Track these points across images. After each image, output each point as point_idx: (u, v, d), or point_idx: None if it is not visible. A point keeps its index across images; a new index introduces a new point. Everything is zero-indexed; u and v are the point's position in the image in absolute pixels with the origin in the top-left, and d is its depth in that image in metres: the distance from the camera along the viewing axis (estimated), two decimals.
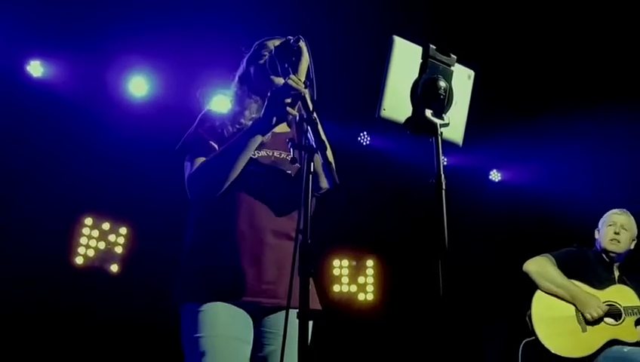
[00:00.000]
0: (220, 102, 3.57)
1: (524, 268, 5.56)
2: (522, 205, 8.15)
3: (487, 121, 6.44)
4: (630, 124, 7.34)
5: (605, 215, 5.78)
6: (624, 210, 5.77)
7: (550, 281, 5.45)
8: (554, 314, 5.40)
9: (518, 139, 7.80)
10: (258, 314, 3.32)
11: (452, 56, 3.01)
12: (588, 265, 5.62)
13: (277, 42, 3.36)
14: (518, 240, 7.88)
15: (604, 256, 5.67)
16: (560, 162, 7.93)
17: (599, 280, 5.54)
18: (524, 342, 5.40)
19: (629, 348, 5.23)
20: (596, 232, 5.77)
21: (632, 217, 5.75)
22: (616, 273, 5.67)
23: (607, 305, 5.39)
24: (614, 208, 5.80)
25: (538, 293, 5.49)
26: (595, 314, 5.33)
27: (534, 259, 5.57)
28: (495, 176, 8.57)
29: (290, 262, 2.81)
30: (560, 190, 7.79)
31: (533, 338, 5.34)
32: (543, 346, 5.27)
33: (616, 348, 5.25)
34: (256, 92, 3.48)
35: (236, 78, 3.56)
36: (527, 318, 5.43)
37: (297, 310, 2.66)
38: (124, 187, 6.91)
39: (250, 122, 3.34)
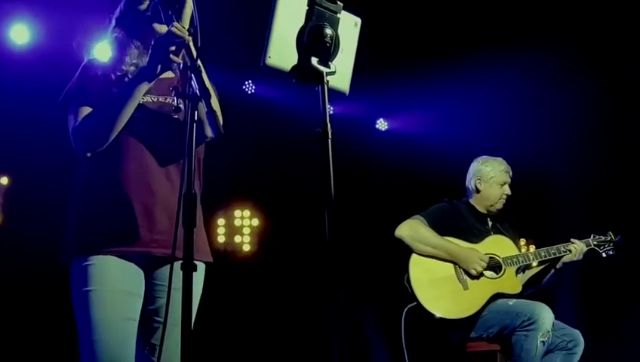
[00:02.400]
0: (102, 50, 3.47)
1: (396, 234, 5.42)
2: (409, 154, 8.21)
3: (373, 69, 6.45)
4: (518, 69, 7.45)
5: (489, 168, 5.69)
6: (503, 160, 5.74)
7: (425, 243, 5.36)
8: (433, 276, 5.32)
9: (405, 87, 7.84)
10: (149, 266, 3.28)
11: (338, 3, 2.97)
12: (461, 219, 5.58)
13: None
14: (405, 189, 7.95)
15: (477, 208, 5.66)
16: (447, 110, 8.01)
17: (475, 234, 5.52)
18: (406, 308, 5.30)
19: (514, 300, 5.25)
20: (475, 183, 5.69)
21: None
22: (490, 223, 5.68)
23: (487, 257, 5.39)
24: (499, 157, 5.76)
25: (414, 257, 5.38)
26: (480, 268, 5.30)
27: (405, 223, 5.45)
28: (382, 124, 8.61)
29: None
30: (447, 139, 7.87)
31: (415, 303, 5.25)
32: (426, 311, 5.20)
33: (501, 301, 5.27)
34: (136, 36, 3.40)
35: (113, 22, 3.47)
36: (405, 283, 5.34)
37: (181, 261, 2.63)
38: (5, 138, 6.70)
39: (132, 68, 3.29)
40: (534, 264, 5.58)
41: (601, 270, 6.42)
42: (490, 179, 5.62)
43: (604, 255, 5.53)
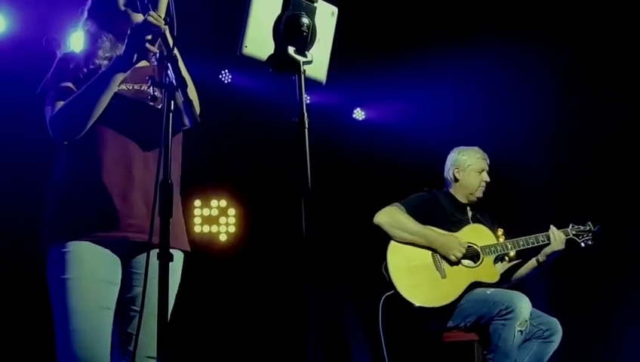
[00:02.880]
0: (77, 41, 3.47)
1: (374, 221, 5.39)
2: (386, 144, 8.21)
3: (350, 58, 6.45)
4: (494, 59, 7.47)
5: (466, 157, 5.70)
6: (480, 149, 5.76)
7: (403, 230, 5.34)
8: (411, 263, 5.30)
9: (382, 77, 7.84)
10: (126, 253, 3.28)
11: None
12: (440, 208, 5.56)
13: None
14: (382, 179, 7.96)
15: (457, 197, 5.67)
16: (424, 100, 8.01)
17: (453, 223, 5.51)
18: (384, 296, 5.26)
19: (492, 289, 5.23)
20: (453, 173, 5.69)
21: None
22: (470, 213, 5.68)
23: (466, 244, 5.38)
24: (475, 146, 5.77)
25: (392, 244, 5.35)
26: (459, 254, 5.28)
27: (384, 209, 5.43)
28: (359, 114, 8.61)
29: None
30: (424, 128, 7.87)
31: (393, 291, 5.22)
32: (404, 299, 5.17)
33: (479, 290, 5.25)
34: (108, 29, 3.39)
35: (85, 14, 3.46)
36: (383, 271, 5.31)
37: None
38: None
39: (105, 61, 3.28)
40: (512, 253, 5.60)
41: (578, 258, 6.44)
42: (467, 167, 5.63)
43: (582, 245, 5.54)
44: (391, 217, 5.37)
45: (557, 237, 5.41)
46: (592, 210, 5.87)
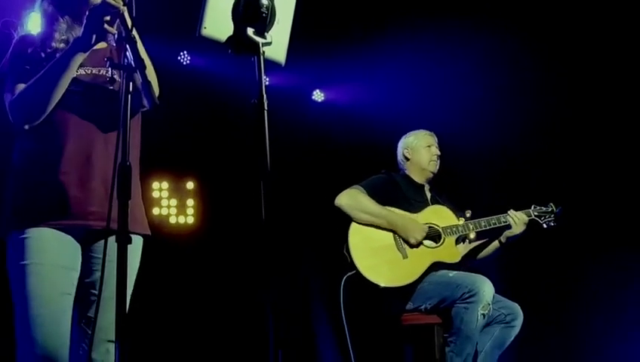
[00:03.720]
0: (35, 23, 3.44)
1: (335, 203, 5.39)
2: (346, 125, 8.21)
3: (310, 40, 6.42)
4: (453, 42, 7.49)
5: (412, 137, 5.77)
6: (424, 130, 5.80)
7: (364, 211, 5.34)
8: (372, 244, 5.29)
9: (342, 58, 7.83)
10: (87, 239, 3.27)
11: None
12: (399, 190, 5.57)
13: None
14: (342, 161, 7.96)
15: (413, 178, 5.69)
16: (384, 82, 8.01)
17: (413, 204, 5.52)
18: (345, 276, 5.26)
19: (455, 272, 5.23)
20: (404, 154, 5.74)
21: None
22: (428, 194, 5.69)
23: (427, 226, 5.39)
24: (426, 130, 5.81)
25: (353, 225, 5.35)
26: (419, 237, 5.28)
27: (344, 192, 5.42)
28: (318, 96, 8.59)
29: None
30: (384, 110, 7.87)
31: (354, 272, 5.21)
32: (365, 279, 5.17)
33: (441, 272, 5.26)
34: (66, 10, 3.36)
35: None
36: (344, 252, 5.30)
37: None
38: None
39: (62, 45, 3.26)
40: (473, 234, 5.62)
41: (539, 241, 6.49)
42: (415, 145, 5.69)
43: (544, 226, 5.56)
44: (352, 199, 5.37)
45: (518, 219, 5.43)
46: (554, 192, 5.90)
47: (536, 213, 5.55)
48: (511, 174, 7.87)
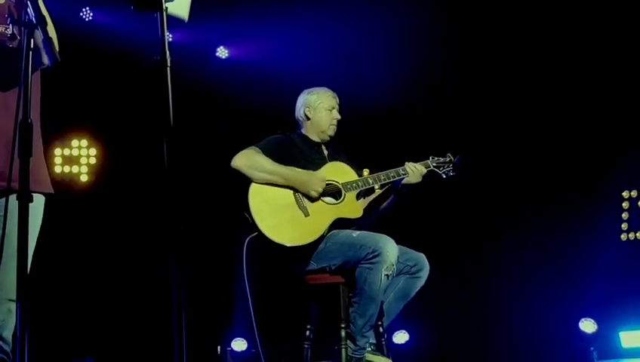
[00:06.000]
0: None
1: (232, 165, 5.29)
2: (250, 83, 8.19)
3: None
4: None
5: (315, 96, 5.66)
6: (329, 89, 5.76)
7: (262, 170, 5.27)
8: (273, 204, 5.25)
9: (246, 14, 7.79)
10: None
11: None
12: (296, 149, 5.51)
13: None
14: (245, 118, 7.95)
15: (310, 137, 5.65)
16: (289, 38, 7.99)
17: (311, 162, 5.47)
18: (247, 238, 5.21)
19: (358, 232, 5.22)
20: (304, 112, 5.64)
21: None
22: (325, 152, 5.66)
23: (325, 183, 5.35)
24: (329, 89, 5.77)
25: (253, 186, 5.27)
26: (320, 188, 5.24)
27: (240, 153, 5.32)
28: (222, 52, 8.55)
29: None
30: (288, 67, 7.87)
31: (256, 233, 5.16)
32: (268, 239, 5.12)
33: (346, 232, 5.24)
34: None
35: None
36: (245, 214, 5.23)
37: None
38: None
39: None
40: (375, 187, 5.61)
41: (442, 191, 6.58)
42: (318, 105, 5.60)
43: (443, 176, 5.54)
44: (248, 159, 5.28)
45: (416, 169, 5.43)
46: (452, 145, 5.91)
47: (434, 164, 5.52)
48: (410, 129, 7.96)
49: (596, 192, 7.46)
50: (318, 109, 5.58)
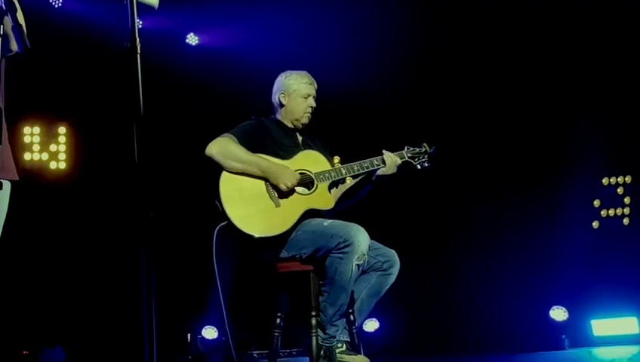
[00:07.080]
0: None
1: (206, 153, 5.17)
2: (220, 69, 8.17)
3: None
4: None
5: (292, 81, 5.52)
6: (308, 73, 5.70)
7: (235, 160, 5.17)
8: (244, 193, 5.17)
9: (215, 1, 7.78)
10: None
11: None
12: (269, 135, 5.40)
13: None
14: (215, 105, 7.94)
15: (284, 122, 5.59)
16: (260, 25, 7.98)
17: (284, 150, 5.38)
18: (217, 227, 5.08)
19: (330, 221, 5.16)
20: (279, 97, 5.51)
21: None
22: (300, 138, 5.62)
23: (298, 173, 5.29)
24: (304, 70, 5.71)
25: (224, 174, 5.18)
26: (290, 184, 5.17)
27: (214, 141, 5.20)
28: (192, 39, 8.52)
29: None
30: (259, 54, 7.85)
31: (226, 222, 5.07)
32: (237, 229, 5.03)
33: (316, 221, 5.17)
34: None
35: None
36: (216, 202, 5.14)
37: None
38: None
39: None
40: (347, 178, 5.58)
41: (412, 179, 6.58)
42: (293, 91, 5.52)
43: (418, 167, 5.47)
44: (222, 147, 5.21)
45: (391, 161, 5.39)
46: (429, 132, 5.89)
47: (409, 155, 5.47)
48: (386, 118, 7.97)
49: (568, 180, 7.50)
50: (293, 96, 5.48)
